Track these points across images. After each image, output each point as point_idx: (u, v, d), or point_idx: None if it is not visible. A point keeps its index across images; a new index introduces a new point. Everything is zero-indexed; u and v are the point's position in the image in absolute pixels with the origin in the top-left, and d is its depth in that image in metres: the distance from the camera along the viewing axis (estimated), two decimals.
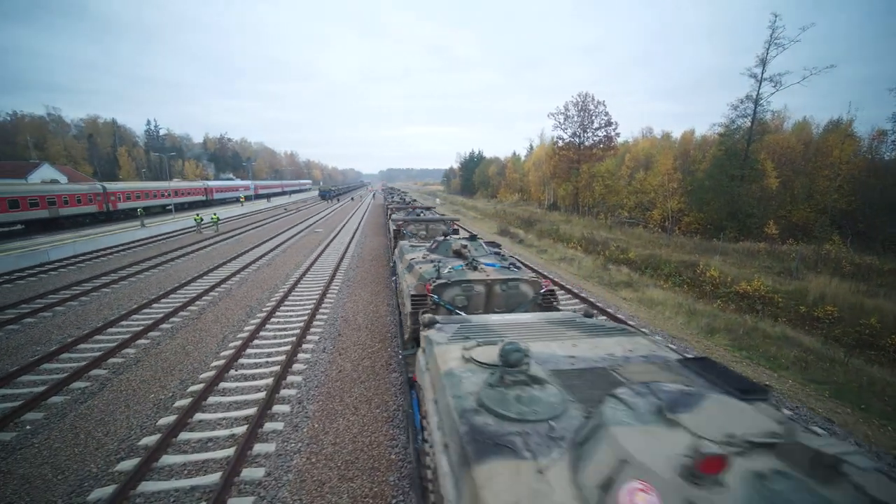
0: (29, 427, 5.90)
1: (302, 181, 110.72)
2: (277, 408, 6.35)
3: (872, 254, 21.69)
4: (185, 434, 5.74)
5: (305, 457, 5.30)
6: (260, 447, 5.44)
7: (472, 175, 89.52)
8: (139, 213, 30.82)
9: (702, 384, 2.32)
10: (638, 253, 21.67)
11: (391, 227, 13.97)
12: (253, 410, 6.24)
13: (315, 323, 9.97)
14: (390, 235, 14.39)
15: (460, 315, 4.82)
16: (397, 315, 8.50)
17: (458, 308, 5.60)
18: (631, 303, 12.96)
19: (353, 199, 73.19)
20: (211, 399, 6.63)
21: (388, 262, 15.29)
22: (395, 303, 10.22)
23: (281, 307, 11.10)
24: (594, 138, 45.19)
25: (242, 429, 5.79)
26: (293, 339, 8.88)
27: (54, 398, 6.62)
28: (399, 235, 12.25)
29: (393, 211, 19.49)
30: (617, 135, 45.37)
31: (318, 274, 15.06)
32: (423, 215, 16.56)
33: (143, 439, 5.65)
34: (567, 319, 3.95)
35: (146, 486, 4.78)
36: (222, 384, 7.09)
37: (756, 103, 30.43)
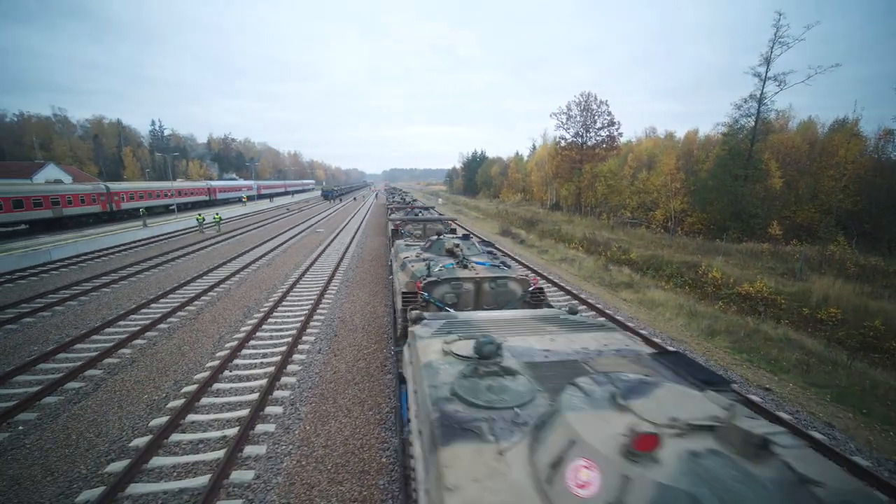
0: (21, 428, 5.90)
1: (305, 181, 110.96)
2: (270, 409, 6.32)
3: (878, 255, 21.38)
4: (177, 435, 5.72)
5: (296, 459, 5.27)
6: (250, 449, 5.41)
7: (475, 175, 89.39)
8: (141, 213, 30.99)
9: (668, 376, 2.41)
10: (640, 254, 21.52)
11: (389, 226, 14.00)
12: (245, 412, 6.22)
13: (312, 324, 9.95)
14: (389, 235, 14.39)
15: (448, 312, 4.83)
16: (393, 314, 8.49)
17: (448, 305, 5.66)
18: (631, 304, 12.84)
19: (355, 199, 73.27)
20: (204, 400, 6.61)
21: (387, 262, 15.27)
22: (392, 302, 10.20)
23: (278, 308, 11.09)
24: (597, 138, 44.92)
25: (234, 431, 5.76)
26: (289, 339, 8.86)
27: (48, 398, 6.63)
28: (397, 235, 12.25)
29: (392, 211, 19.51)
30: (620, 135, 45.12)
31: (318, 274, 15.05)
32: (421, 215, 16.53)
33: (135, 440, 5.63)
34: (551, 316, 4.03)
35: (135, 487, 4.76)
36: (216, 385, 7.08)
37: (760, 102, 30.14)
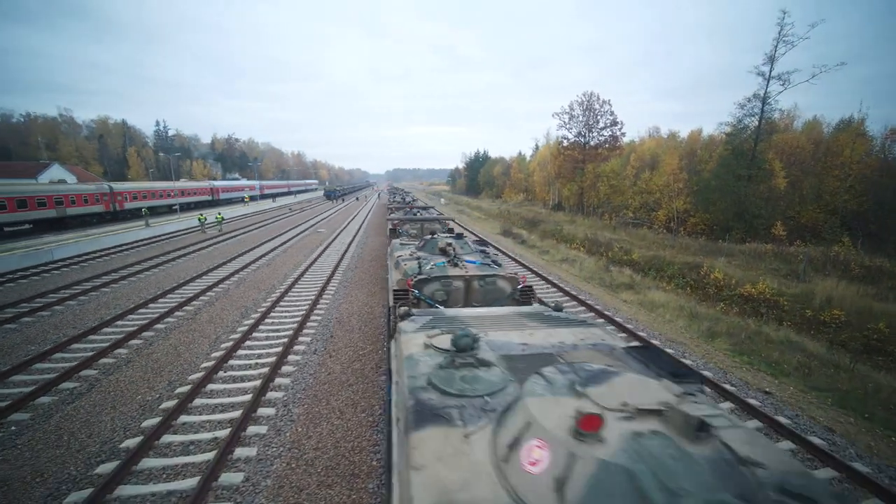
0: (14, 428, 5.90)
1: (308, 181, 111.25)
2: (262, 410, 6.29)
3: (883, 256, 21.12)
4: (168, 437, 5.70)
5: (286, 462, 5.23)
6: (241, 451, 5.37)
7: (477, 175, 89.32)
8: (143, 213, 31.15)
9: (638, 368, 2.49)
10: (641, 254, 21.38)
11: (388, 226, 14.05)
12: (238, 413, 6.19)
13: (308, 324, 9.92)
14: (388, 234, 14.43)
15: (437, 308, 4.86)
16: (387, 311, 8.51)
17: (438, 302, 5.74)
18: (631, 305, 12.73)
19: (357, 199, 73.36)
20: (197, 401, 6.59)
21: (386, 262, 15.25)
22: (388, 300, 10.19)
23: (276, 308, 11.07)
24: (599, 138, 44.65)
25: (225, 432, 5.73)
26: (285, 340, 8.83)
27: (42, 398, 6.63)
28: (395, 234, 12.29)
29: (392, 210, 19.58)
30: (622, 134, 44.79)
31: (317, 274, 15.03)
32: (420, 215, 16.54)
33: (126, 442, 5.61)
34: (535, 312, 4.11)
35: (124, 489, 4.74)
36: (210, 386, 7.06)
37: (764, 102, 29.91)
